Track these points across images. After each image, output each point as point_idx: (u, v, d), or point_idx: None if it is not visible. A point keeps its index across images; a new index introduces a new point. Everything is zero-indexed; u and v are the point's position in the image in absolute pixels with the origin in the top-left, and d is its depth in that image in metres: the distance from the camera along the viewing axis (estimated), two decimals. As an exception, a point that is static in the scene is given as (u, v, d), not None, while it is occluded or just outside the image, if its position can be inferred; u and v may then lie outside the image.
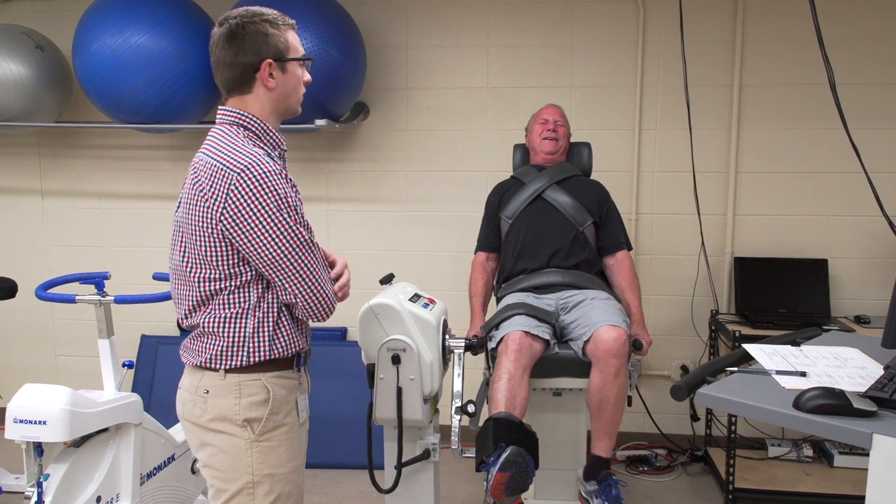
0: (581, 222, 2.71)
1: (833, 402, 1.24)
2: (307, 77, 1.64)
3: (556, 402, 2.62)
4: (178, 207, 1.59)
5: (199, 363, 1.58)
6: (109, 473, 2.24)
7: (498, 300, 2.76)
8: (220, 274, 1.53)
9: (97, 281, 2.43)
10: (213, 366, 1.56)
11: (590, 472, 2.45)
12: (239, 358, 1.55)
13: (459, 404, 2.33)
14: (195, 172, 1.53)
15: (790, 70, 3.23)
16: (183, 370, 1.66)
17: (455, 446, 2.33)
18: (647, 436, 3.44)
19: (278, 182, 1.48)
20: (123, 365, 2.45)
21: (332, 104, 3.16)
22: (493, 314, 2.61)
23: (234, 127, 1.57)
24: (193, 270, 1.55)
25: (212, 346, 1.55)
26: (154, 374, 3.54)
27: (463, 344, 2.36)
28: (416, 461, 2.26)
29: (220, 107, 1.60)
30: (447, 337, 2.30)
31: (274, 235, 1.48)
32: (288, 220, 1.49)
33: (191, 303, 1.57)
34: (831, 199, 3.28)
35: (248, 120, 1.57)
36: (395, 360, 2.14)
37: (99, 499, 2.20)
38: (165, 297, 2.42)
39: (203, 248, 1.52)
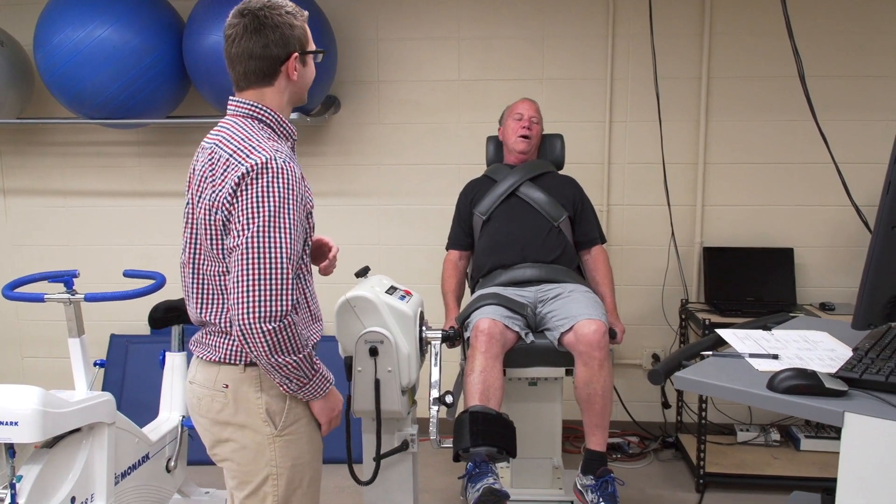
0: (556, 217, 2.73)
1: (806, 382, 1.27)
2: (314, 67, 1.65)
3: (532, 392, 2.65)
4: (188, 203, 1.57)
5: (216, 358, 1.56)
6: (83, 474, 2.20)
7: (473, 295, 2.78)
8: (225, 267, 1.50)
9: (66, 279, 2.38)
10: (232, 360, 1.55)
11: (587, 466, 2.43)
12: None
13: (437, 395, 2.33)
14: (204, 166, 1.51)
15: (757, 62, 3.30)
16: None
17: (434, 437, 2.34)
18: (620, 424, 3.49)
19: (292, 181, 1.45)
20: (95, 364, 2.41)
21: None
22: (466, 305, 2.62)
23: (249, 120, 1.55)
24: (205, 264, 1.54)
25: (230, 343, 1.54)
26: (125, 374, 3.49)
27: (440, 335, 2.37)
28: (395, 453, 2.27)
29: (232, 98, 1.58)
30: (424, 329, 2.31)
31: (262, 226, 1.41)
32: (284, 221, 1.43)
33: (202, 297, 1.55)
34: (797, 190, 3.35)
35: (263, 112, 1.55)
36: (373, 352, 2.13)
37: (73, 499, 2.16)
38: (137, 293, 2.39)
39: (209, 241, 1.50)
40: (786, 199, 3.37)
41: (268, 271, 1.41)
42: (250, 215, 1.42)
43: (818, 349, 1.54)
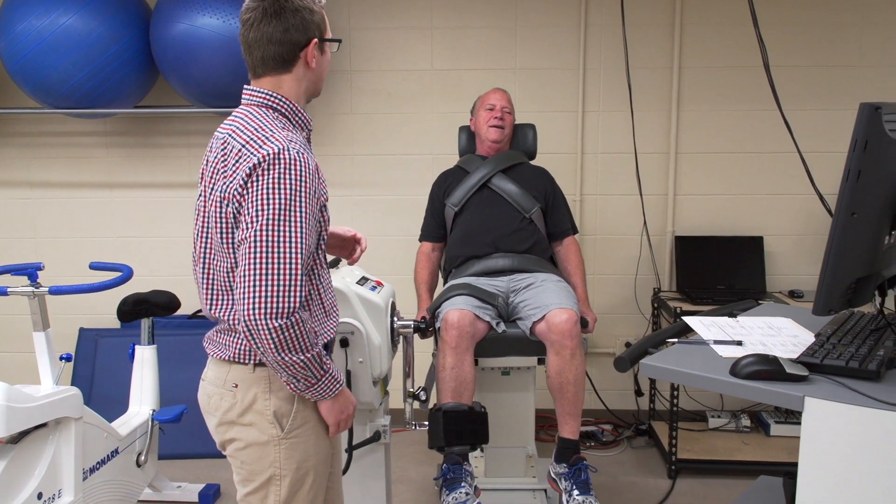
0: (528, 209, 2.73)
1: (767, 367, 1.29)
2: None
3: (505, 381, 2.66)
4: (199, 195, 1.53)
5: (226, 357, 1.53)
6: (50, 469, 2.17)
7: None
8: (235, 262, 1.46)
9: (30, 272, 2.34)
10: (241, 360, 1.51)
11: (560, 454, 2.44)
12: None
13: (412, 389, 2.34)
14: (217, 157, 1.47)
15: (727, 52, 3.32)
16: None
17: (410, 425, 2.36)
18: (594, 412, 3.52)
19: (305, 172, 1.40)
20: (61, 358, 2.37)
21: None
22: (438, 295, 2.62)
23: (264, 109, 1.50)
24: (216, 259, 1.50)
25: (240, 342, 1.51)
26: (94, 368, 3.44)
27: (411, 325, 2.37)
28: (367, 444, 2.26)
29: (247, 87, 1.53)
30: (395, 319, 2.30)
31: (271, 219, 1.36)
32: (296, 214, 1.38)
33: (212, 293, 1.52)
34: (766, 179, 3.39)
35: (279, 102, 1.51)
36: (344, 343, 2.12)
37: (40, 495, 2.13)
38: (103, 286, 2.35)
39: (220, 235, 1.45)
40: (756, 188, 3.40)
41: (276, 266, 1.36)
42: (260, 207, 1.37)
43: (782, 335, 1.56)
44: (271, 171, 1.37)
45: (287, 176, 1.38)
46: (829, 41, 3.30)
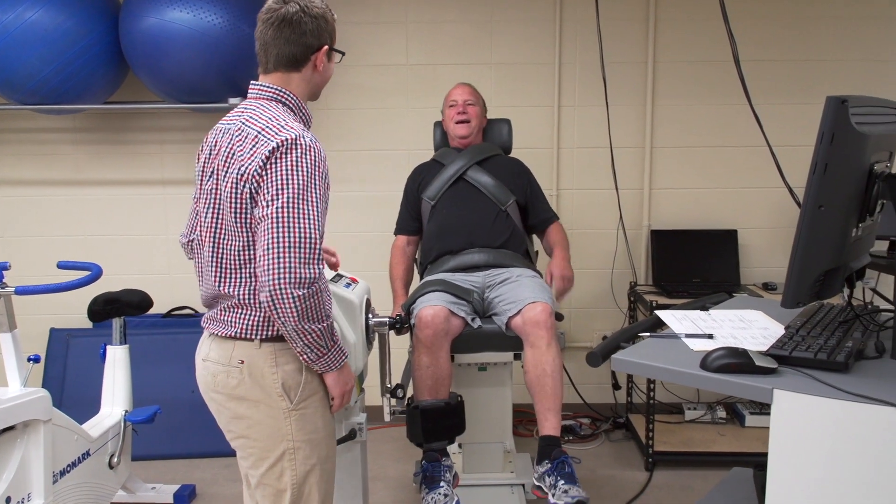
0: (503, 201, 2.72)
1: (737, 360, 1.29)
2: None
3: (482, 377, 2.65)
4: (209, 177, 1.60)
5: (231, 334, 1.59)
6: (19, 473, 2.13)
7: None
8: (249, 240, 1.54)
9: (-4, 271, 2.29)
10: (248, 336, 1.58)
11: (542, 453, 2.33)
12: (276, 328, 1.57)
13: (389, 385, 2.33)
14: (231, 143, 1.55)
15: (701, 47, 3.34)
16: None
17: (387, 418, 2.36)
18: (572, 406, 3.53)
19: (320, 159, 1.53)
20: (29, 359, 2.32)
21: (246, 81, 3.02)
22: (413, 291, 2.61)
23: (273, 102, 1.62)
24: (226, 239, 1.57)
25: (247, 317, 1.58)
26: (66, 369, 3.38)
27: (387, 323, 2.35)
28: (344, 441, 2.24)
29: (255, 82, 1.65)
30: (370, 316, 2.28)
31: (291, 197, 1.47)
32: (312, 195, 1.49)
33: (221, 271, 1.59)
34: (740, 172, 3.41)
35: (286, 97, 1.63)
36: (318, 341, 2.10)
37: (9, 499, 2.09)
38: (70, 286, 2.31)
39: (233, 215, 1.53)
40: (730, 181, 3.43)
41: (297, 239, 1.46)
42: (280, 186, 1.47)
43: (752, 328, 1.57)
44: (290, 154, 1.49)
45: (304, 159, 1.50)
46: (799, 35, 3.33)
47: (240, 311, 1.59)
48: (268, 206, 1.47)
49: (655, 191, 3.44)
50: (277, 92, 1.62)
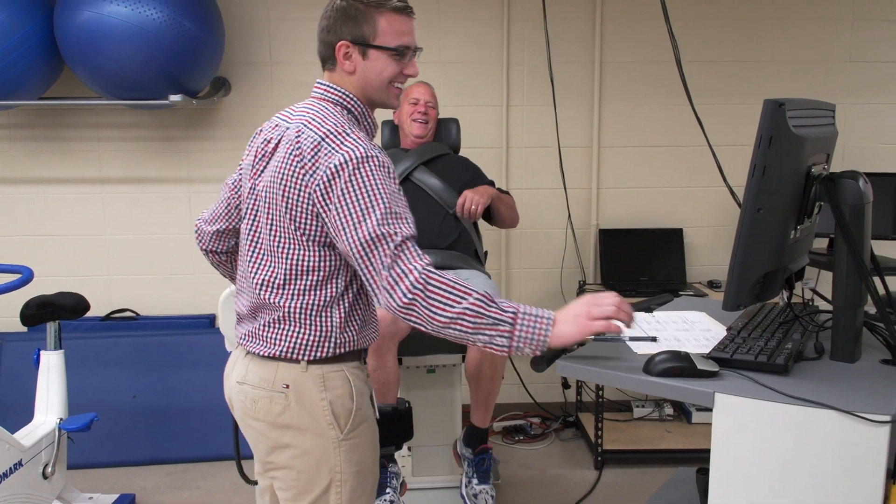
0: (451, 204, 2.70)
1: (679, 364, 1.29)
2: (410, 69, 1.50)
3: (430, 379, 2.63)
4: (260, 174, 1.48)
5: (274, 353, 1.44)
6: (-58, 487, 2.03)
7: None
8: (309, 253, 1.41)
9: (-83, 276, 2.17)
10: (293, 356, 1.43)
11: (468, 439, 2.51)
12: (326, 348, 1.44)
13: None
14: (291, 144, 1.41)
15: (647, 47, 3.37)
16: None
17: None
18: (522, 405, 3.54)
19: (387, 175, 1.38)
20: (-46, 367, 2.22)
21: (187, 79, 2.97)
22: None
23: (337, 107, 1.47)
24: (282, 248, 1.43)
25: (295, 335, 1.43)
26: (-1, 375, 3.24)
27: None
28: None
29: (319, 80, 1.50)
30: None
31: (365, 218, 1.33)
32: (391, 208, 1.36)
33: (271, 279, 1.44)
34: (685, 172, 3.47)
35: (350, 101, 1.48)
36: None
37: (-70, 517, 1.99)
38: (4, 289, 2.21)
39: (293, 223, 1.40)
40: (675, 180, 3.48)
41: (389, 259, 1.33)
42: (364, 210, 1.34)
43: (695, 329, 1.58)
44: (362, 171, 1.35)
45: (370, 173, 1.36)
46: (740, 36, 3.39)
47: (286, 327, 1.44)
48: (355, 231, 1.33)
49: (603, 190, 3.47)
50: (341, 95, 1.48)
